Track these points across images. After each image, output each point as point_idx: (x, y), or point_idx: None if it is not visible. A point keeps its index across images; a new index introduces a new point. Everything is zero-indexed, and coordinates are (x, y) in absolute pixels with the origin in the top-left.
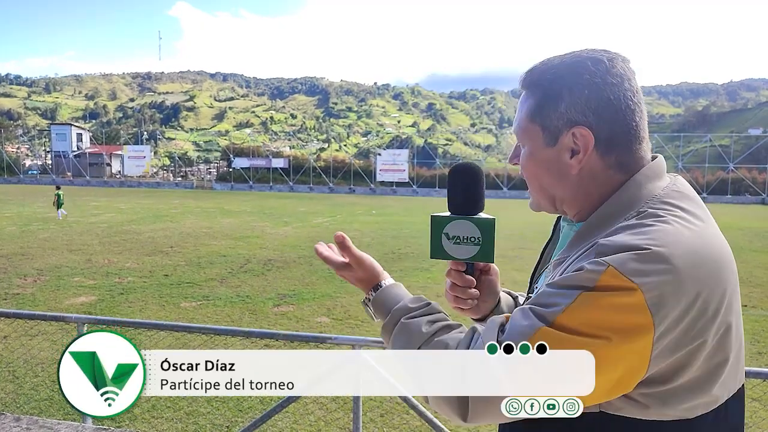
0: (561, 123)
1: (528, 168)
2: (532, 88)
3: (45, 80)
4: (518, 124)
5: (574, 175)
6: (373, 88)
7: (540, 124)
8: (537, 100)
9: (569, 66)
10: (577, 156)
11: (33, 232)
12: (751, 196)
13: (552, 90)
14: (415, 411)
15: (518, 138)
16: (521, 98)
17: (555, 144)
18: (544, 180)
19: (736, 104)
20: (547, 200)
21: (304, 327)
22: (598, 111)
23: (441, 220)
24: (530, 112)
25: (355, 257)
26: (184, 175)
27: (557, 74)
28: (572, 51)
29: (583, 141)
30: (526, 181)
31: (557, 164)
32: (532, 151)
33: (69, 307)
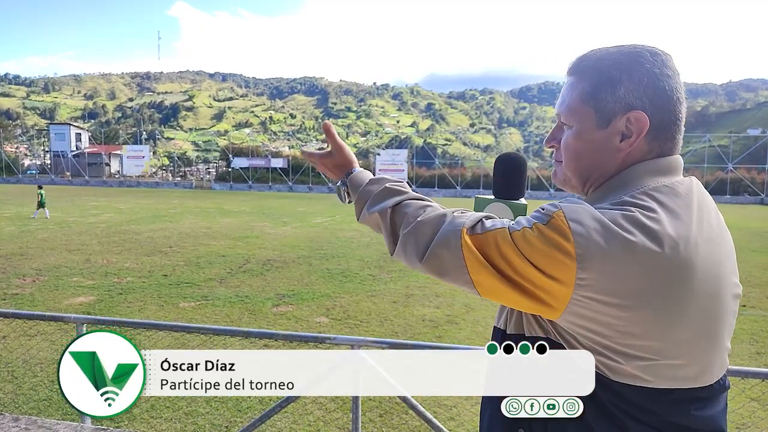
0: (617, 106)
1: (571, 147)
2: (586, 72)
3: (44, 80)
4: (566, 106)
5: (618, 159)
6: (372, 88)
7: (594, 106)
8: (593, 83)
9: (628, 54)
10: (627, 140)
11: (32, 232)
12: (750, 196)
13: (610, 74)
14: (414, 411)
15: (564, 118)
16: (570, 82)
17: (607, 127)
18: (586, 161)
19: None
20: (580, 180)
21: (303, 327)
22: (653, 99)
23: (482, 200)
24: (584, 94)
25: (337, 144)
26: (183, 175)
27: (617, 60)
28: (627, 44)
29: (638, 126)
30: (565, 159)
31: (604, 146)
32: (581, 132)
33: (68, 307)
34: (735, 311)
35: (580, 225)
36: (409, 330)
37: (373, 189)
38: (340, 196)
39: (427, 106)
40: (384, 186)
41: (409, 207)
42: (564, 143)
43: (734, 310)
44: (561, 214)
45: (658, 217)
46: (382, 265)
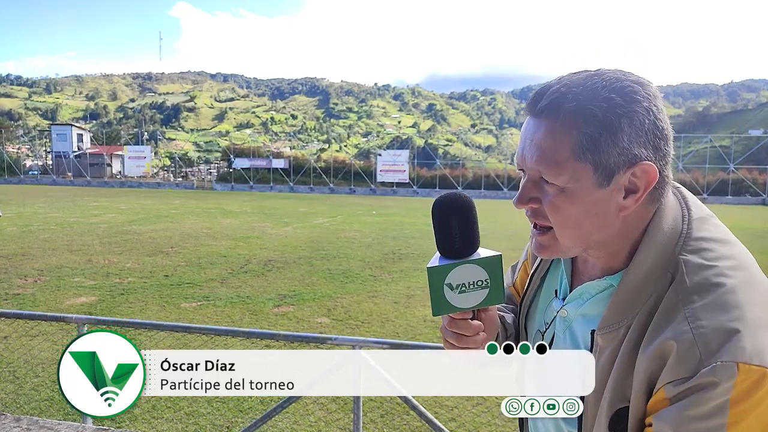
0: (621, 160)
1: (563, 212)
2: (574, 118)
3: (45, 81)
4: (551, 160)
5: (620, 217)
6: (374, 89)
7: (592, 162)
8: (589, 133)
9: (620, 92)
10: (633, 196)
11: (33, 233)
12: (751, 196)
13: (609, 121)
14: (415, 411)
15: (550, 176)
16: (549, 129)
17: (609, 185)
18: (585, 225)
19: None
20: (580, 245)
21: (304, 327)
22: (655, 143)
23: (440, 270)
24: (577, 148)
25: None
26: (185, 176)
27: (610, 101)
28: (595, 71)
29: (646, 179)
30: (558, 226)
31: (606, 206)
32: (576, 193)
33: (69, 307)
34: None
35: (764, 355)
36: (411, 330)
37: None
38: None
39: (428, 107)
40: None
41: None
42: (551, 206)
43: None
44: (744, 366)
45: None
46: (384, 265)
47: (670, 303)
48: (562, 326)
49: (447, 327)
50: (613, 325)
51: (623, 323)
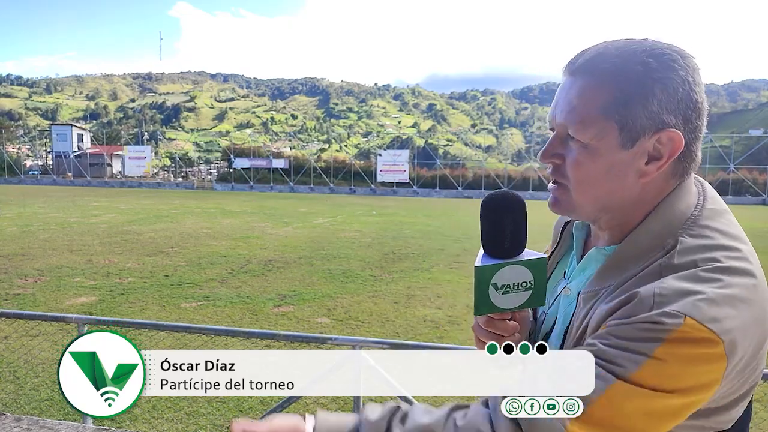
0: (649, 123)
1: (585, 169)
2: (608, 77)
3: (46, 81)
4: (579, 116)
5: (640, 184)
6: (374, 89)
7: (618, 121)
8: (620, 92)
9: (659, 57)
10: (655, 162)
11: (34, 233)
12: (751, 196)
13: (642, 83)
14: None
15: (576, 132)
16: (582, 86)
17: (632, 147)
18: (604, 186)
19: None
20: (594, 205)
21: (304, 327)
22: (686, 114)
23: (488, 270)
24: (607, 105)
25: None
26: (185, 176)
27: (646, 64)
28: (638, 39)
29: (671, 146)
30: (575, 183)
31: (626, 169)
32: (599, 151)
33: (69, 307)
34: None
35: (718, 322)
36: (411, 331)
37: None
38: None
39: (428, 107)
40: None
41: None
42: (574, 162)
43: None
44: (690, 321)
45: (742, 254)
46: (384, 265)
47: (651, 272)
48: (564, 305)
49: (483, 326)
50: (595, 289)
51: (606, 289)
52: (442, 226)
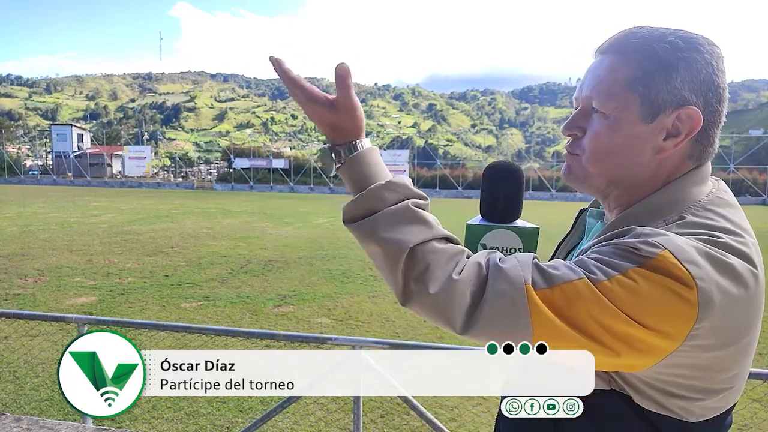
0: (669, 99)
1: (605, 139)
2: (636, 53)
3: (46, 81)
4: (604, 88)
5: (656, 160)
6: (374, 89)
7: (641, 94)
8: (645, 66)
9: (685, 39)
10: (673, 139)
11: (34, 233)
12: (751, 197)
13: (667, 59)
14: (415, 411)
15: (599, 104)
16: (609, 62)
17: (652, 121)
18: (619, 158)
19: (736, 105)
20: (606, 180)
21: (304, 327)
22: (707, 95)
23: (478, 228)
24: (632, 78)
25: (351, 100)
26: (185, 176)
27: (673, 44)
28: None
29: (690, 124)
30: (591, 152)
31: (644, 143)
32: (620, 123)
33: (69, 307)
34: None
35: (696, 266)
36: (411, 331)
37: (388, 199)
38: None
39: (428, 107)
40: (406, 205)
41: (437, 254)
42: (593, 133)
43: None
44: (669, 255)
45: (744, 240)
46: None
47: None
48: None
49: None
50: (591, 243)
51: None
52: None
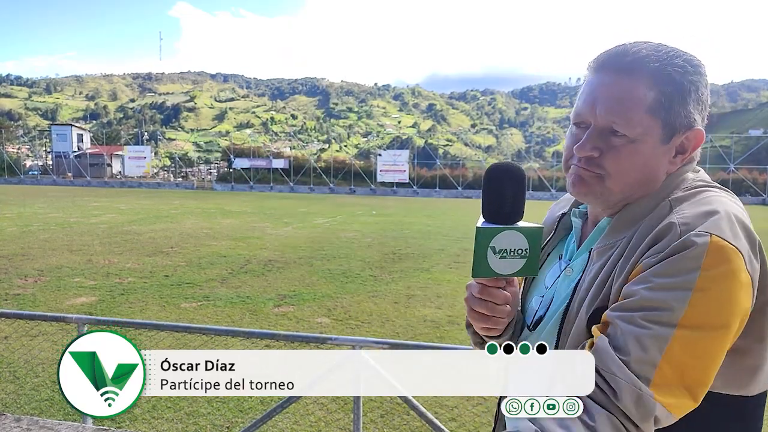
0: (684, 122)
1: (627, 161)
2: (656, 77)
3: (45, 81)
4: (630, 114)
5: (666, 173)
6: (374, 89)
7: (663, 119)
8: (665, 92)
9: (692, 63)
10: (681, 156)
11: (34, 233)
12: (752, 196)
13: (683, 85)
14: (415, 411)
15: (623, 127)
16: (629, 84)
17: (668, 142)
18: (640, 174)
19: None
20: (623, 195)
21: (304, 327)
22: (704, 113)
23: (489, 231)
24: (656, 104)
25: None
26: (185, 176)
27: (684, 68)
28: (658, 43)
29: (696, 142)
30: (615, 172)
31: (660, 161)
32: (644, 146)
33: (69, 307)
34: None
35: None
36: (411, 330)
37: None
38: None
39: (428, 107)
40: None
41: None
42: (618, 155)
43: None
44: (718, 239)
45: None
46: (384, 265)
47: (660, 208)
48: (566, 283)
49: (477, 295)
50: (610, 242)
51: (620, 240)
52: (442, 226)
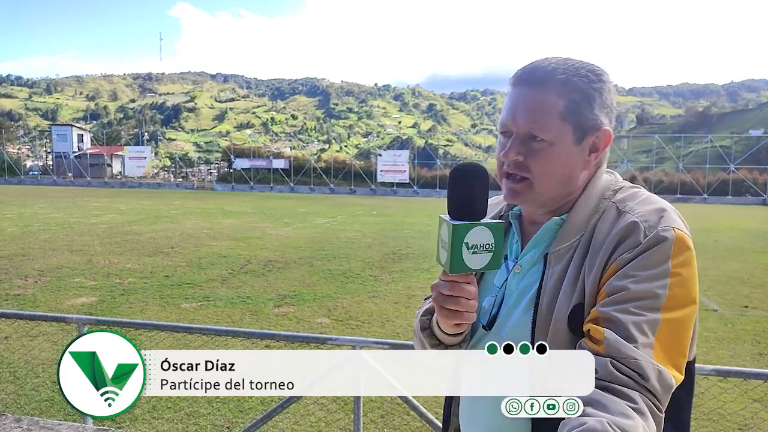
0: (592, 124)
1: (549, 162)
2: (563, 87)
3: (46, 81)
4: (544, 121)
5: (584, 171)
6: (374, 89)
7: (573, 123)
8: (573, 99)
9: (594, 72)
10: (594, 154)
11: (34, 233)
12: (752, 197)
13: (588, 92)
14: (415, 412)
15: (539, 132)
16: (541, 95)
17: (581, 142)
18: (562, 173)
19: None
20: (552, 195)
21: (304, 328)
22: (611, 115)
23: (464, 228)
24: (564, 110)
25: None
26: (185, 176)
27: (588, 77)
28: (567, 57)
29: (605, 140)
30: (538, 174)
31: (577, 160)
32: (559, 148)
33: (70, 307)
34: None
35: (687, 228)
36: (411, 331)
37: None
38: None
39: (428, 107)
40: None
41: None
42: (538, 158)
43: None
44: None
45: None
46: (384, 265)
47: (607, 210)
48: (514, 282)
49: (449, 292)
50: (565, 246)
51: (575, 240)
52: None
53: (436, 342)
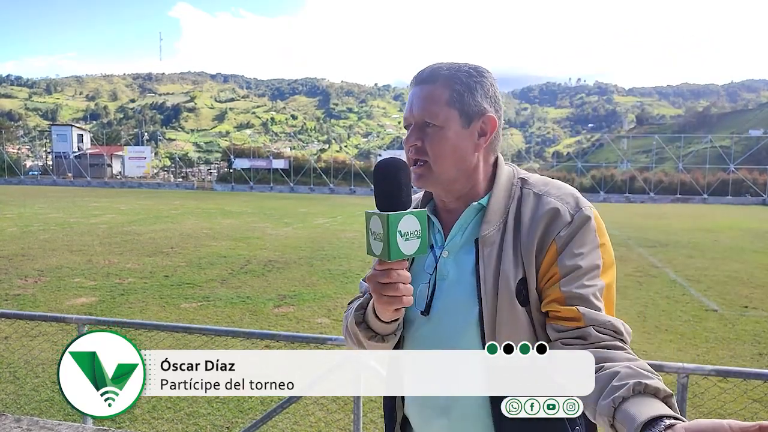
0: (477, 109)
1: (441, 144)
2: (448, 81)
3: (46, 81)
4: (434, 108)
5: (476, 153)
6: (374, 89)
7: (458, 109)
8: (456, 90)
9: (476, 69)
10: (483, 138)
11: (34, 233)
12: (751, 197)
13: (469, 83)
14: None
15: (431, 119)
16: (429, 90)
17: (469, 126)
18: (455, 154)
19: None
20: (450, 176)
21: (304, 328)
22: (496, 104)
23: (396, 217)
24: (450, 98)
25: None
26: (185, 176)
27: (469, 72)
28: (458, 61)
29: (491, 125)
30: (435, 156)
31: (467, 143)
32: (449, 131)
33: (69, 307)
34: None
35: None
36: None
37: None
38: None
39: None
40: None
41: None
42: (432, 141)
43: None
44: (593, 210)
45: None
46: None
47: (526, 194)
48: (446, 266)
49: (387, 279)
50: (491, 230)
51: (499, 223)
52: None
53: (372, 334)
